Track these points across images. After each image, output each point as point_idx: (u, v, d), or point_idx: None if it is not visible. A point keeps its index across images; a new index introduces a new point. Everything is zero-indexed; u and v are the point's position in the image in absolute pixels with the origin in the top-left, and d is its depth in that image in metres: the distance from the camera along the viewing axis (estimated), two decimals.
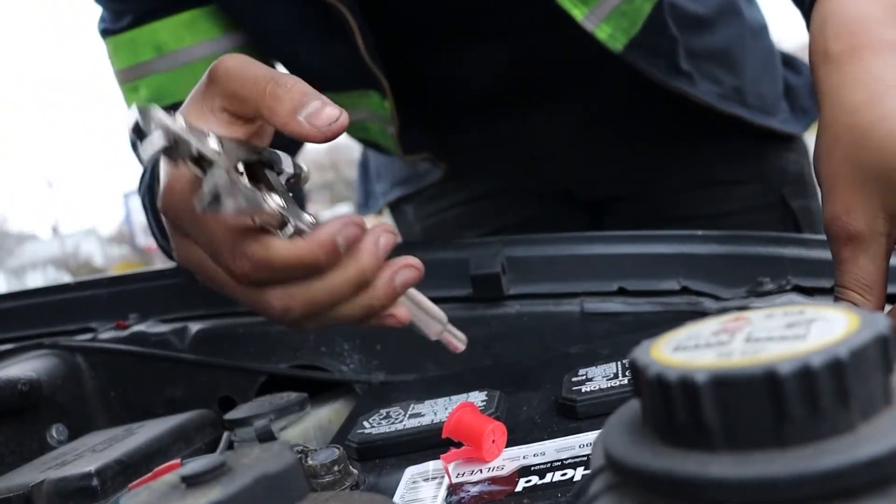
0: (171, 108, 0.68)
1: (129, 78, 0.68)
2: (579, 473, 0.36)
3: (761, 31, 0.86)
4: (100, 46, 0.71)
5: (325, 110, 0.38)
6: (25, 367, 0.59)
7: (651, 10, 0.69)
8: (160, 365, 0.63)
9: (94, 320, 0.68)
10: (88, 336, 0.66)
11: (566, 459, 0.38)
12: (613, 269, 0.58)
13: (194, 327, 0.64)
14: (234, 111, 0.40)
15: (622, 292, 0.57)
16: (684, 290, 0.56)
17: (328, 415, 0.56)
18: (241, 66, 0.40)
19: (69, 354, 0.63)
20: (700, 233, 0.58)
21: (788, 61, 0.90)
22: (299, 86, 0.39)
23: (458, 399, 0.47)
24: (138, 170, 0.65)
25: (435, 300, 0.61)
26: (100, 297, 0.70)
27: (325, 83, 0.72)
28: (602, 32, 0.67)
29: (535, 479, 0.36)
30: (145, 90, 0.67)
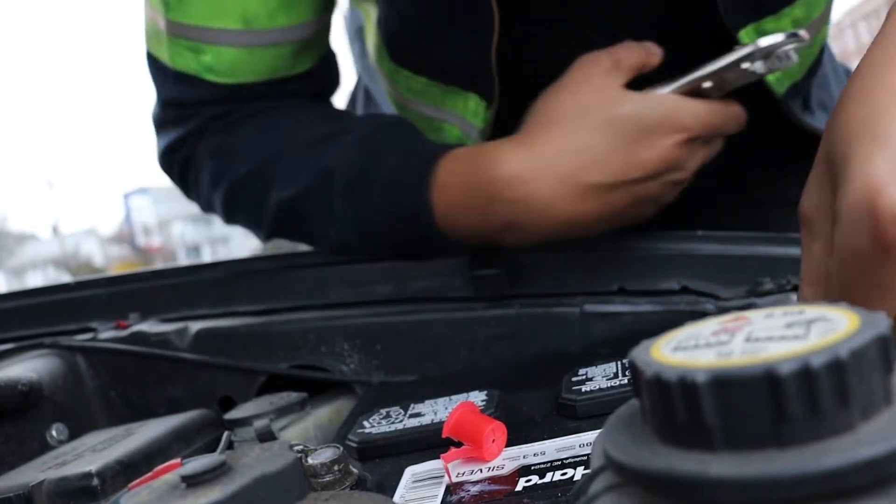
0: (244, 87, 0.63)
1: (195, 37, 0.61)
2: (579, 473, 0.36)
3: (827, 47, 0.83)
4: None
5: None
6: (25, 367, 0.59)
7: (817, 53, 0.68)
8: (160, 365, 0.63)
9: (95, 320, 0.68)
10: (88, 336, 0.66)
11: (566, 459, 0.38)
12: (613, 269, 0.58)
13: (194, 327, 0.64)
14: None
15: (622, 292, 0.57)
16: (684, 290, 0.56)
17: (328, 414, 0.56)
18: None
19: (69, 354, 0.63)
20: (700, 233, 0.59)
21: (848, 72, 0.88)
22: None
23: (458, 399, 0.47)
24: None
25: (435, 300, 0.62)
26: (100, 296, 0.70)
27: (432, 74, 0.66)
28: (772, 76, 0.64)
29: (535, 479, 0.36)
30: (211, 58, 0.62)
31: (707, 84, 0.55)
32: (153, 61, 0.66)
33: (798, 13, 0.63)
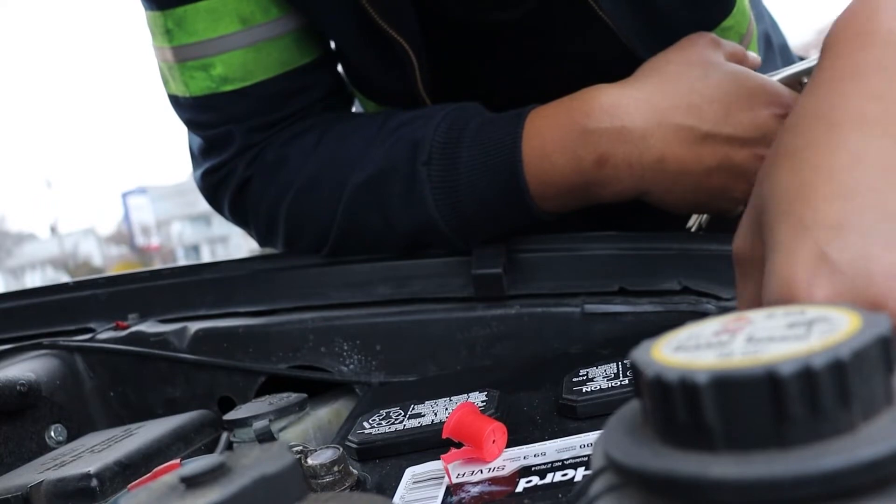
0: (262, 87, 0.64)
1: (201, 54, 0.62)
2: (580, 474, 0.36)
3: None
4: (140, 25, 0.65)
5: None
6: (24, 368, 0.59)
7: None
8: (159, 365, 0.63)
9: (93, 320, 0.68)
10: (87, 336, 0.66)
11: (567, 460, 0.38)
12: (613, 269, 0.58)
13: (194, 327, 0.64)
14: None
15: (623, 292, 0.57)
16: (685, 290, 0.55)
17: (328, 415, 0.56)
18: None
19: (68, 354, 0.63)
20: (701, 232, 0.58)
21: None
22: None
23: (458, 399, 0.47)
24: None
25: (435, 300, 0.62)
26: (99, 296, 0.70)
27: (378, 100, 0.70)
28: None
29: (535, 480, 0.36)
30: (222, 68, 0.62)
31: (805, 80, 0.58)
32: (175, 101, 0.66)
33: None
